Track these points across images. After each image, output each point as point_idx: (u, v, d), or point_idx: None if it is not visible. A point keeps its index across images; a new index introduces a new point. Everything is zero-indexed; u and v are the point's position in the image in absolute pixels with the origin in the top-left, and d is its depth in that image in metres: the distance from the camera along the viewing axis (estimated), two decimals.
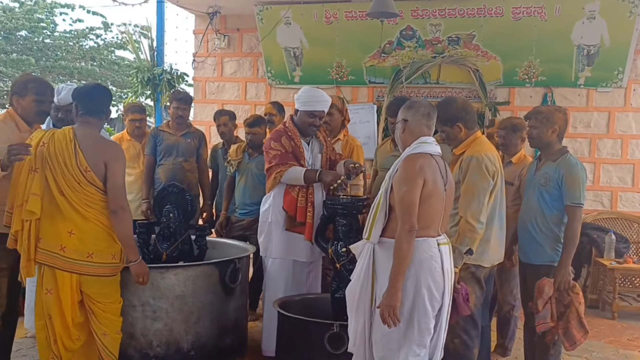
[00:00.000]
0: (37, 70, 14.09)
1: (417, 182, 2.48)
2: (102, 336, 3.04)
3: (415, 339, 2.51)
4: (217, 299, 3.40)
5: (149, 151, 4.92)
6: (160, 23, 7.44)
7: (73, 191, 2.92)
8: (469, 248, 2.89)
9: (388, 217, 2.57)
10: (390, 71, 6.36)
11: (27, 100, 3.16)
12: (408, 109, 2.68)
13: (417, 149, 2.59)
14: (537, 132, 3.21)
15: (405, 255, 2.43)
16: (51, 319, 2.96)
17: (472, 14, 5.89)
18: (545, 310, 3.02)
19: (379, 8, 4.80)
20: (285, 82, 6.76)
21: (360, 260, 2.65)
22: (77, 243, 2.93)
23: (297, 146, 3.64)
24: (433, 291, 2.52)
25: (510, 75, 6.04)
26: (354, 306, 2.64)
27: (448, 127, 3.10)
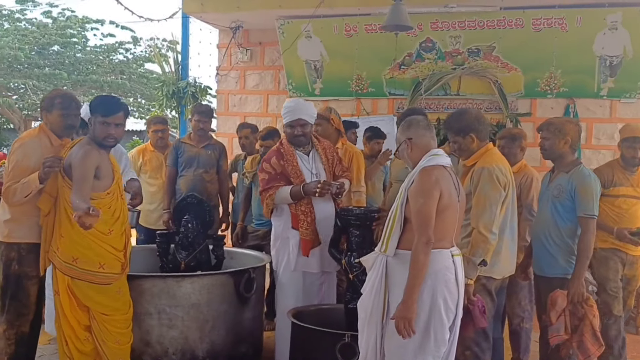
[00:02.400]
0: (69, 84, 14.53)
1: (434, 195, 2.51)
2: (102, 343, 3.12)
3: (432, 350, 2.52)
4: (232, 308, 3.45)
5: (170, 162, 5.03)
6: (185, 38, 7.62)
7: (61, 194, 3.07)
8: (483, 259, 2.89)
9: (403, 228, 2.59)
10: (410, 83, 6.38)
11: (54, 115, 3.29)
12: (408, 128, 2.72)
13: (430, 162, 2.61)
14: (549, 144, 3.20)
15: (422, 267, 2.45)
16: (60, 320, 3.09)
17: (492, 26, 5.88)
18: (558, 323, 2.99)
19: (394, 21, 4.85)
20: (306, 94, 6.83)
21: (371, 273, 2.66)
22: (64, 246, 3.04)
23: (289, 163, 3.66)
24: (448, 302, 2.54)
25: (532, 86, 6.00)
26: (366, 320, 2.65)
27: (460, 138, 3.11)
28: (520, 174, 3.78)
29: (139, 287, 3.29)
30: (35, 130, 3.36)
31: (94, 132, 3.11)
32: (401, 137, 2.73)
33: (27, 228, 3.17)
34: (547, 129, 3.22)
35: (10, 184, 3.11)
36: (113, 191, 3.16)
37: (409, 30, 5.33)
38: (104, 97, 3.35)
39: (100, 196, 3.08)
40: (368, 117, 6.58)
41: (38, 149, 3.20)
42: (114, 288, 3.14)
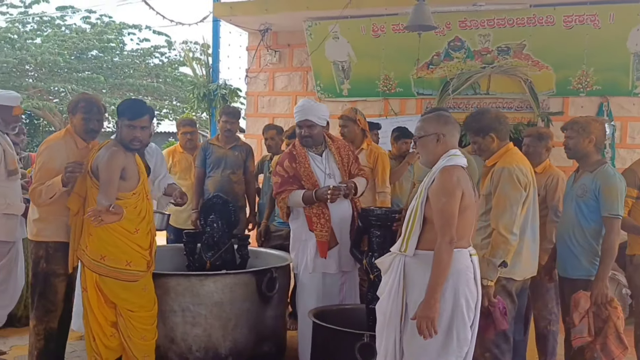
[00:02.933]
0: (106, 88, 14.93)
1: (457, 194, 2.49)
2: (127, 339, 3.21)
3: (455, 350, 2.51)
4: (255, 307, 3.50)
5: (199, 163, 5.13)
6: (215, 41, 7.77)
7: (90, 195, 3.17)
8: (503, 260, 2.85)
9: (422, 228, 2.57)
10: (439, 83, 6.32)
11: (77, 118, 3.40)
12: (445, 123, 2.65)
13: (450, 161, 2.58)
14: (573, 143, 3.14)
15: (446, 266, 2.44)
16: (87, 316, 3.19)
17: (521, 24, 5.78)
18: (581, 325, 2.93)
19: (417, 21, 4.82)
20: (334, 95, 6.85)
21: (388, 275, 2.64)
22: (93, 244, 3.14)
23: (301, 165, 3.68)
24: (470, 301, 2.53)
25: (564, 84, 5.87)
26: (385, 323, 2.64)
27: (480, 138, 3.08)
28: (546, 175, 3.71)
29: (164, 285, 3.37)
30: (62, 133, 3.48)
31: (121, 134, 3.20)
32: (431, 129, 2.62)
33: (54, 227, 3.29)
34: (571, 128, 3.16)
35: (36, 185, 3.23)
36: (139, 192, 3.25)
37: (432, 30, 5.28)
38: (130, 101, 3.43)
39: (127, 196, 3.17)
40: (396, 117, 6.56)
41: (63, 152, 3.31)
42: (139, 285, 3.23)
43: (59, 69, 14.05)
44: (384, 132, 5.91)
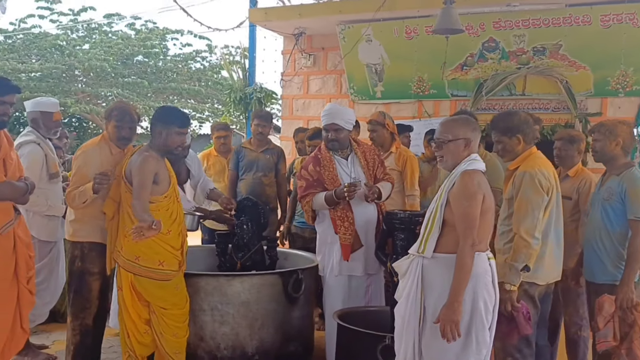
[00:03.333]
0: (150, 92, 15.36)
1: (478, 198, 2.51)
2: (159, 335, 3.33)
3: (474, 352, 2.52)
4: (281, 307, 3.57)
5: (232, 166, 5.26)
6: (252, 46, 7.91)
7: (124, 199, 3.30)
8: (525, 265, 2.84)
9: (441, 231, 2.59)
10: (473, 84, 6.27)
11: (111, 126, 3.55)
12: (474, 129, 2.67)
13: (471, 166, 2.60)
14: (600, 145, 3.10)
15: (468, 270, 2.46)
16: (122, 313, 3.32)
17: (557, 24, 5.68)
18: (606, 329, 2.89)
19: (445, 25, 4.81)
20: (367, 97, 6.88)
21: (406, 279, 2.66)
22: (127, 246, 3.26)
23: (326, 169, 3.72)
24: (488, 305, 2.54)
25: (602, 85, 5.73)
26: (403, 326, 2.66)
27: (507, 138, 3.06)
28: (578, 178, 3.65)
29: (194, 285, 3.48)
30: (97, 139, 3.64)
31: (166, 141, 3.33)
32: (461, 134, 2.62)
33: (89, 228, 3.45)
34: (598, 131, 3.12)
35: (71, 189, 3.41)
36: (170, 195, 3.38)
37: (460, 33, 5.25)
38: (178, 110, 3.55)
39: (159, 199, 3.30)
40: (429, 119, 6.53)
41: (97, 157, 3.46)
42: (172, 284, 3.35)
43: (105, 74, 14.55)
44: (418, 134, 5.92)
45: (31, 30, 15.36)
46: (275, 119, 7.70)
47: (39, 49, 14.93)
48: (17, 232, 2.97)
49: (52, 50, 14.88)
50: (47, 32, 15.23)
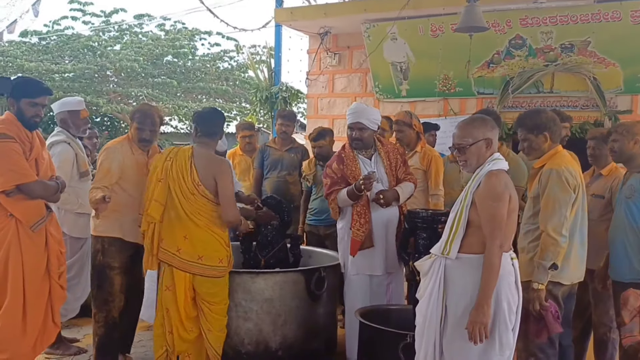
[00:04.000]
0: (179, 91, 15.59)
1: (505, 198, 2.50)
2: (207, 332, 3.39)
3: (497, 354, 2.51)
4: (304, 304, 3.62)
5: (257, 165, 5.33)
6: (277, 45, 7.98)
7: (187, 201, 3.34)
8: (553, 263, 2.81)
9: (465, 232, 2.58)
10: (500, 81, 6.21)
11: (133, 127, 3.66)
12: (492, 128, 2.65)
13: (495, 166, 2.58)
14: (618, 145, 3.08)
15: (497, 270, 2.46)
16: (169, 312, 3.36)
17: (586, 20, 5.58)
18: (632, 323, 2.86)
19: (468, 23, 4.78)
20: (392, 96, 6.88)
21: (428, 278, 2.66)
22: (190, 246, 3.33)
23: (348, 167, 3.77)
24: (512, 306, 2.53)
25: (632, 82, 5.62)
26: (424, 325, 2.66)
27: (533, 135, 3.03)
28: (612, 177, 3.60)
29: None
30: (121, 138, 3.75)
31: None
32: (481, 135, 2.61)
33: (108, 223, 3.54)
34: (616, 131, 3.11)
35: (93, 185, 3.52)
36: None
37: (483, 31, 5.20)
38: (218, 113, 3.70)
39: None
40: (455, 117, 6.49)
41: (119, 155, 3.57)
42: (224, 280, 3.45)
43: (136, 75, 14.84)
44: (444, 132, 5.89)
45: (64, 32, 15.75)
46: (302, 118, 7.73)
47: (71, 50, 15.31)
48: (49, 229, 3.08)
49: (85, 51, 15.23)
50: (79, 33, 15.60)
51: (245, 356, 3.53)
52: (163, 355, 3.43)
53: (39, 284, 2.99)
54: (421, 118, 6.31)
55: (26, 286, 2.91)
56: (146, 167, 3.62)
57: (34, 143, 3.09)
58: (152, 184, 3.40)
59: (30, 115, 3.09)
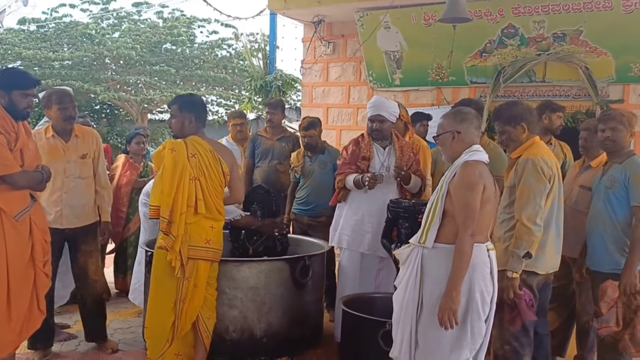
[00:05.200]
0: (178, 79, 15.57)
1: (479, 188, 2.54)
2: (207, 319, 3.41)
3: (468, 342, 2.56)
4: (289, 292, 3.66)
5: (248, 154, 5.36)
6: (272, 34, 7.97)
7: (217, 193, 3.40)
8: (527, 251, 2.85)
9: (441, 222, 2.62)
10: (493, 71, 6.20)
11: (54, 110, 3.71)
12: (461, 121, 2.69)
13: (473, 156, 2.62)
14: (618, 135, 3.09)
15: (467, 259, 2.50)
16: (184, 304, 3.29)
17: (577, 9, 5.56)
18: (609, 314, 2.90)
19: (452, 14, 4.78)
20: (386, 85, 6.88)
21: (406, 267, 2.71)
22: (217, 236, 3.40)
23: (364, 150, 4.02)
24: (485, 296, 2.57)
25: (624, 71, 5.61)
26: (401, 313, 2.71)
27: (511, 127, 3.06)
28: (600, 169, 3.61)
29: None
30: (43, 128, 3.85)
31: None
32: (448, 127, 2.70)
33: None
34: (618, 120, 3.09)
35: None
36: None
37: (466, 22, 5.20)
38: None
39: None
40: (449, 106, 6.48)
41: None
42: (217, 264, 3.47)
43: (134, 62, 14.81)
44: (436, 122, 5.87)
45: (62, 20, 15.71)
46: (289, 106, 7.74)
47: (69, 38, 15.29)
48: (33, 218, 3.11)
49: (82, 39, 15.20)
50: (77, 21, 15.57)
51: (230, 343, 3.57)
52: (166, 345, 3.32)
53: (23, 272, 3.02)
54: (415, 107, 6.35)
55: (10, 274, 2.94)
56: (65, 151, 3.71)
57: (20, 133, 3.11)
58: (186, 184, 3.25)
59: (23, 106, 3.12)
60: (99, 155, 3.94)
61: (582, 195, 3.46)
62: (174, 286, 3.27)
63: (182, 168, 3.26)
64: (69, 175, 3.73)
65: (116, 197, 5.07)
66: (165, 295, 3.29)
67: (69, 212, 3.73)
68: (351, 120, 7.25)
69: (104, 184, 3.98)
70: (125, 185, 5.18)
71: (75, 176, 3.77)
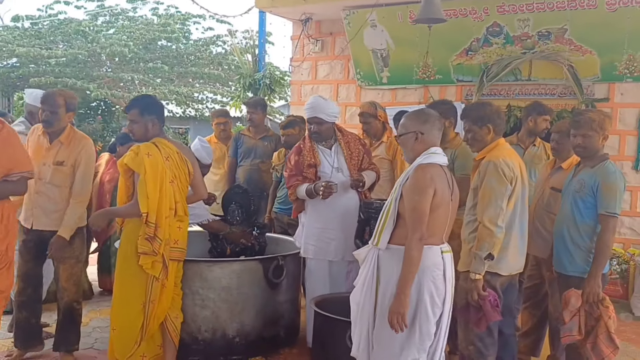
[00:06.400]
0: (172, 76, 15.55)
1: (429, 192, 2.53)
2: (175, 319, 3.40)
3: (417, 343, 2.56)
4: (262, 292, 3.67)
5: (231, 153, 5.36)
6: (261, 31, 7.95)
7: (184, 194, 3.39)
8: (489, 253, 2.84)
9: (395, 224, 2.62)
10: (479, 69, 6.20)
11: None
12: (424, 123, 2.68)
13: (427, 159, 2.61)
14: (590, 141, 3.05)
15: (416, 263, 2.50)
16: (154, 304, 3.25)
17: (562, 7, 5.54)
18: (571, 323, 2.89)
19: (426, 14, 4.77)
20: (374, 83, 6.88)
21: (364, 267, 2.72)
22: (183, 235, 3.39)
23: (309, 158, 3.83)
24: (435, 298, 2.56)
25: (609, 69, 5.60)
26: (358, 312, 2.72)
27: (477, 127, 3.06)
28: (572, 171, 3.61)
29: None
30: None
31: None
32: (412, 127, 2.68)
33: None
34: (588, 127, 3.05)
35: None
36: None
37: (441, 23, 5.17)
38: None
39: None
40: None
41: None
42: (182, 264, 3.46)
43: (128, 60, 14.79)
44: None
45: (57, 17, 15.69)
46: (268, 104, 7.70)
47: (63, 35, 15.27)
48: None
49: (77, 36, 15.19)
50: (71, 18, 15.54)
51: (202, 343, 3.58)
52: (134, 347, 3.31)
53: None
54: (402, 105, 6.34)
55: None
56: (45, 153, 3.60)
57: None
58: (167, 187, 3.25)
59: None
60: (83, 165, 3.60)
61: (553, 197, 3.46)
62: (142, 288, 3.25)
63: (162, 172, 3.24)
64: (41, 177, 3.58)
65: (99, 195, 5.09)
66: (133, 297, 3.27)
67: (39, 212, 3.60)
68: (339, 119, 7.24)
69: (77, 195, 3.60)
70: (109, 182, 5.15)
71: (46, 181, 3.57)
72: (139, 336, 3.29)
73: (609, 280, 3.55)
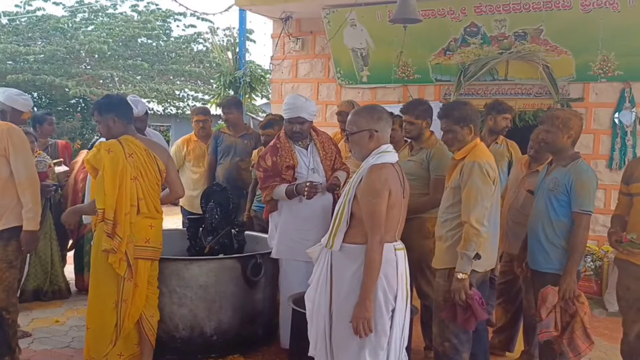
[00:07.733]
0: (152, 74, 15.43)
1: (385, 194, 2.51)
2: (150, 318, 3.40)
3: (373, 341, 2.55)
4: (239, 291, 3.68)
5: (211, 151, 5.35)
6: (242, 29, 7.93)
7: (154, 192, 3.38)
8: (477, 253, 2.87)
9: (349, 224, 2.60)
10: (457, 69, 6.26)
11: None
12: (378, 120, 2.63)
13: (380, 159, 2.59)
14: (552, 138, 3.09)
15: (377, 267, 2.48)
16: (126, 303, 3.26)
17: (538, 8, 5.63)
18: (548, 319, 2.94)
19: (402, 14, 4.81)
20: (354, 82, 6.91)
21: (317, 266, 2.70)
22: (156, 234, 3.37)
23: (283, 159, 3.78)
24: (387, 294, 2.55)
25: (584, 70, 5.70)
26: (313, 311, 2.70)
27: (459, 127, 3.05)
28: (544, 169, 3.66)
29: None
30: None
31: None
32: (365, 125, 2.61)
33: None
34: (551, 123, 3.09)
35: None
36: None
37: (417, 23, 5.22)
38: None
39: None
40: None
41: None
42: (157, 262, 3.46)
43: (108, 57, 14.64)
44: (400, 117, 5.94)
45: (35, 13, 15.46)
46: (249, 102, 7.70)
47: (41, 32, 15.05)
48: None
49: (55, 32, 14.98)
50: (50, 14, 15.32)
51: (180, 341, 3.58)
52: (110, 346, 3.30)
53: None
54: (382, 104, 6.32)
55: None
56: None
57: None
58: (128, 184, 3.25)
59: None
60: (15, 152, 3.34)
61: (528, 200, 3.51)
62: (114, 287, 3.24)
63: (122, 168, 3.24)
64: None
65: (73, 192, 5.06)
66: (106, 296, 3.26)
67: None
68: (320, 117, 7.26)
69: (25, 183, 3.34)
70: (83, 180, 5.11)
71: None
72: (114, 335, 3.28)
73: (582, 277, 3.60)
